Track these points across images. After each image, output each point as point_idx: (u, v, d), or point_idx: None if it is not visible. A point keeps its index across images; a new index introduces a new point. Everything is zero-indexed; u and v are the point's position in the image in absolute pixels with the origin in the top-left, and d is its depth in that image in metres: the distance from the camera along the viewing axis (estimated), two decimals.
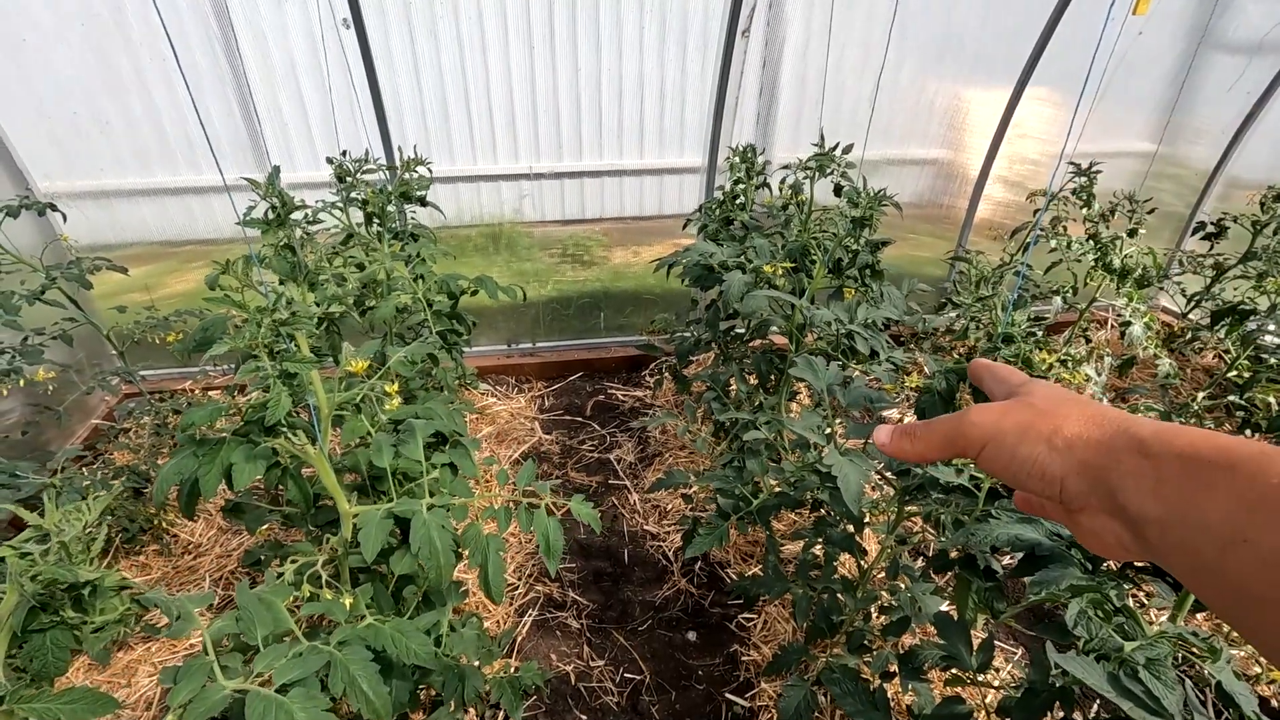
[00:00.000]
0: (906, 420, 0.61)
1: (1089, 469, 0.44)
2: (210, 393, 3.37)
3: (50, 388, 2.26)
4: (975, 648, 1.30)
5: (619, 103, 3.51)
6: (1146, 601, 2.22)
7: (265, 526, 2.04)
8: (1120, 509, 0.42)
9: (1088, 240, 2.98)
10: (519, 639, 2.28)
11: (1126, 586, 1.07)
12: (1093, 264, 2.96)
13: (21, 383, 2.12)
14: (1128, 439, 0.42)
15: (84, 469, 2.82)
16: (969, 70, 3.75)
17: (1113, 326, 3.97)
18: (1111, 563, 1.10)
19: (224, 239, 3.48)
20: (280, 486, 1.58)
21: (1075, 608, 0.92)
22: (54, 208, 2.46)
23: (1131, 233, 3.00)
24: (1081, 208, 3.10)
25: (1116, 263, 2.88)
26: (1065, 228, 3.16)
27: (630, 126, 3.61)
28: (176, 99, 3.06)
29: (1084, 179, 3.10)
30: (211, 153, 3.19)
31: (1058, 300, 3.16)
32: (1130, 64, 3.73)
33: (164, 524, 2.63)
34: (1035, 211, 3.33)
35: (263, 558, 1.94)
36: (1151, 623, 0.98)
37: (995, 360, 0.64)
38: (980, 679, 1.40)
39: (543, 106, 3.44)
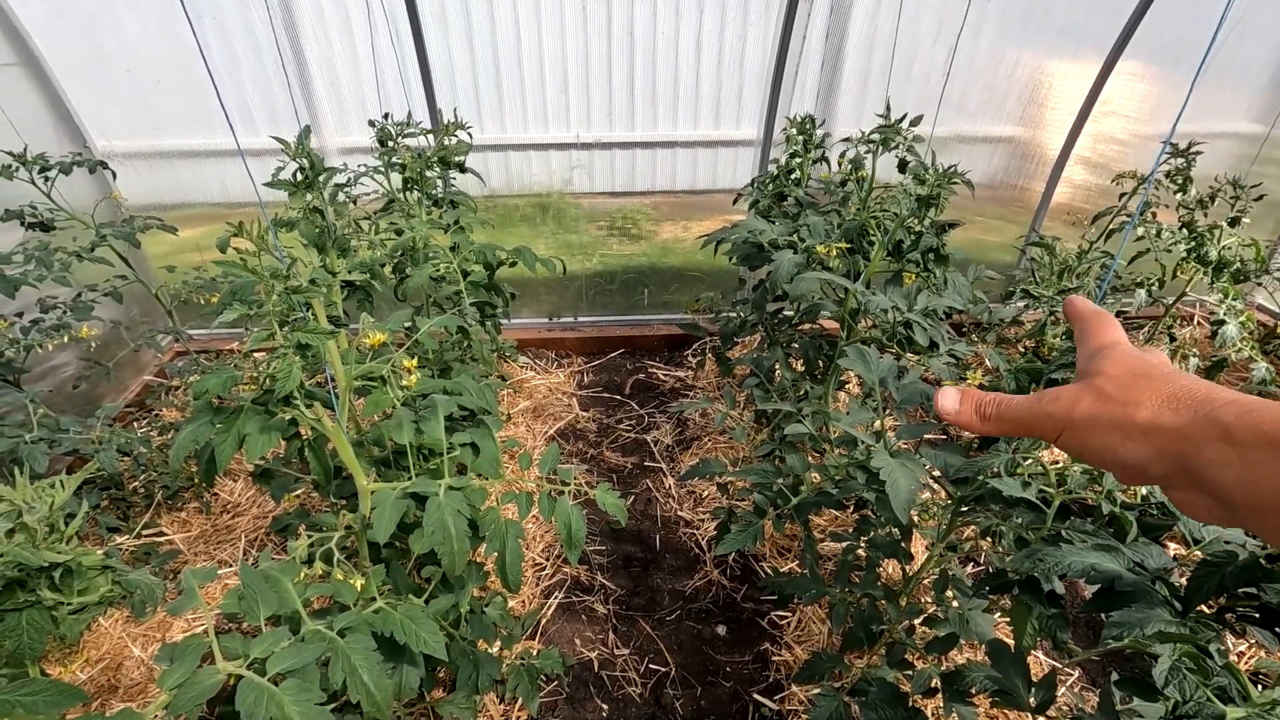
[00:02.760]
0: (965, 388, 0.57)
1: (1169, 455, 0.42)
2: (257, 354, 3.41)
3: (93, 345, 2.29)
4: (1034, 680, 1.16)
5: (674, 70, 3.35)
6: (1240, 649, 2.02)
7: (297, 493, 2.04)
8: (1209, 490, 0.40)
9: (1181, 229, 2.71)
10: (543, 621, 2.23)
11: (1219, 630, 0.92)
12: (1185, 255, 2.68)
13: (67, 338, 2.15)
14: (1208, 424, 0.40)
15: (132, 424, 2.90)
16: (1054, 41, 3.44)
17: (1201, 324, 3.64)
18: (1206, 607, 0.95)
19: (278, 202, 3.49)
20: (302, 458, 1.55)
21: (1166, 662, 0.79)
22: (105, 165, 2.48)
23: (1233, 222, 2.71)
24: (1175, 193, 2.82)
25: (1213, 254, 2.60)
26: (1155, 214, 2.88)
27: (685, 95, 3.45)
28: (232, 61, 3.06)
29: (1180, 161, 2.81)
30: (226, 116, 3.19)
31: (1141, 293, 2.89)
32: (1240, 37, 3.36)
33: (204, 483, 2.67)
34: (1121, 196, 3.05)
35: (291, 524, 1.93)
36: (1257, 683, 0.84)
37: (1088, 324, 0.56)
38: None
39: (595, 73, 3.31)
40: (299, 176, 1.58)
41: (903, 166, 2.23)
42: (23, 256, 2.05)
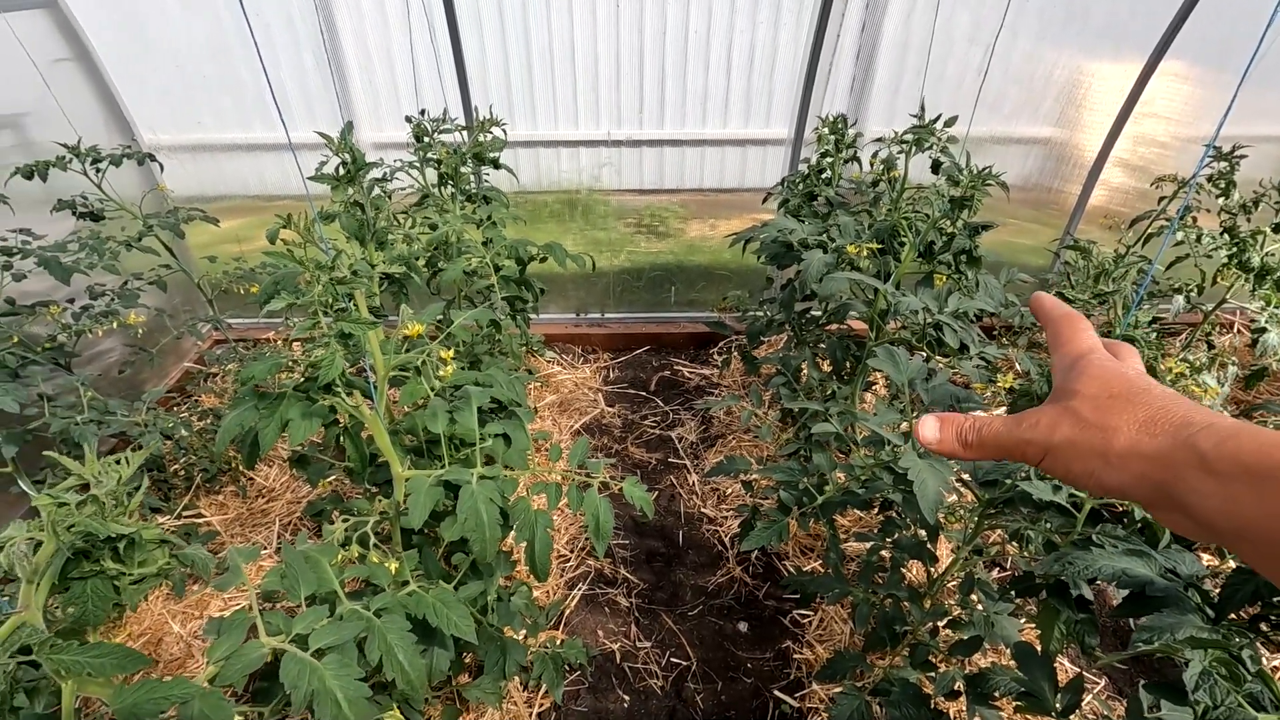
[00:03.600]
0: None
1: (1148, 481, 0.41)
2: (293, 344, 3.50)
3: (140, 331, 2.37)
4: (1060, 684, 1.16)
5: (705, 68, 3.36)
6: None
7: (330, 479, 2.09)
8: (1191, 516, 0.40)
9: (1223, 234, 2.65)
10: (567, 612, 2.26)
11: (1251, 638, 0.91)
12: (1226, 261, 2.62)
13: (115, 324, 2.23)
14: (1187, 451, 0.39)
15: (173, 409, 2.99)
16: (1094, 41, 3.38)
17: (1241, 332, 3.56)
18: (1239, 615, 0.94)
19: (317, 196, 3.57)
20: (339, 444, 1.59)
21: (1197, 666, 0.78)
22: (153, 158, 2.56)
23: (1277, 228, 2.64)
24: (1217, 197, 2.76)
25: (1256, 260, 2.54)
26: (1195, 219, 2.82)
27: (715, 94, 3.45)
28: (275, 58, 3.13)
29: (1224, 164, 2.75)
30: (278, 109, 3.26)
31: (1179, 299, 2.83)
32: None
33: (241, 467, 2.75)
34: (1161, 199, 2.99)
35: (325, 509, 1.98)
36: None
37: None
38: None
39: (627, 72, 3.33)
40: (341, 171, 1.63)
41: (936, 167, 2.22)
42: (77, 244, 2.13)
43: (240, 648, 0.98)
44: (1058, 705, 1.10)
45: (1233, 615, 0.94)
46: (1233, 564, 1.00)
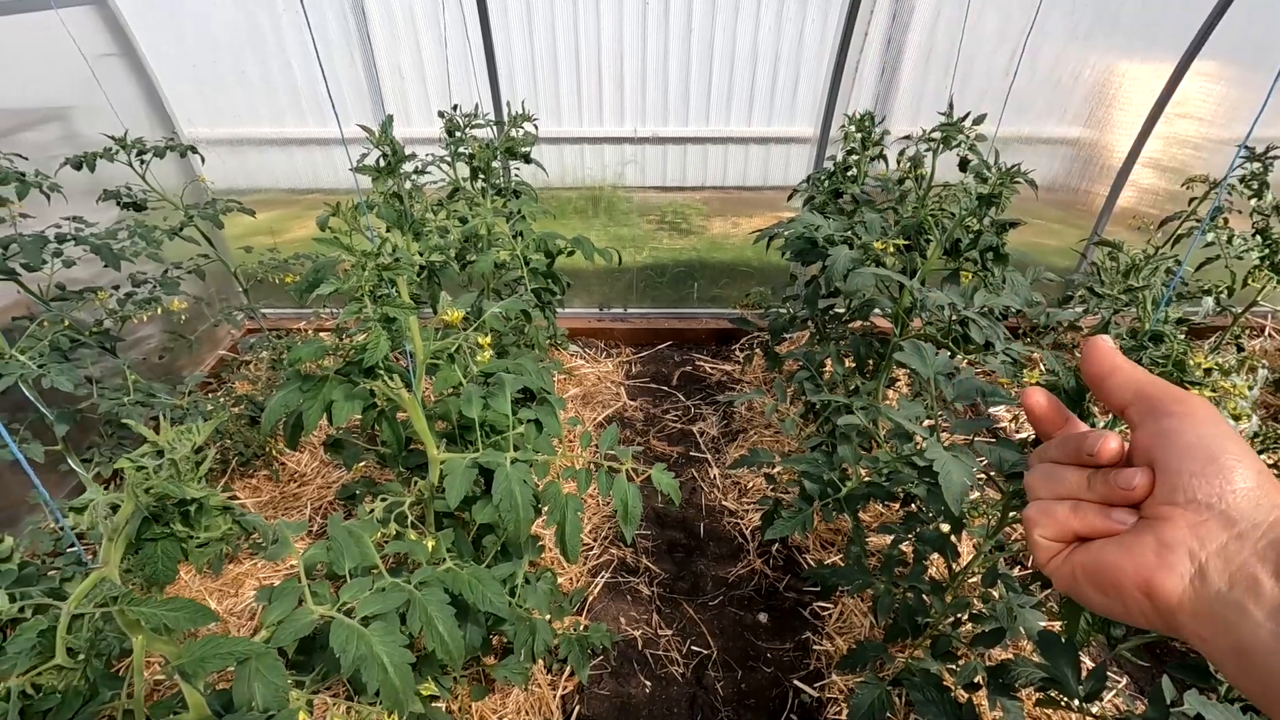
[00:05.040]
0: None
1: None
2: (321, 334, 3.58)
3: (183, 317, 2.45)
4: (1084, 673, 1.18)
5: (730, 66, 3.38)
6: None
7: (361, 464, 2.15)
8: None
9: (1255, 235, 2.63)
10: (590, 599, 2.31)
11: None
12: (1257, 262, 2.60)
13: (159, 310, 2.30)
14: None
15: (209, 394, 3.08)
16: (1126, 40, 3.35)
17: (1272, 335, 3.51)
18: None
19: (344, 189, 3.65)
20: (375, 427, 1.64)
21: None
22: (195, 151, 2.63)
23: None
24: (1250, 198, 2.73)
25: None
26: (1226, 220, 2.79)
27: (740, 92, 3.47)
28: (307, 54, 3.20)
29: (1256, 165, 2.72)
30: (333, 104, 3.33)
31: (1208, 301, 2.81)
32: None
33: (275, 452, 2.83)
34: (1191, 201, 2.96)
35: (357, 493, 2.04)
36: None
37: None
38: (1086, 709, 1.27)
39: (652, 69, 3.36)
40: (382, 163, 1.68)
41: (964, 165, 2.23)
42: (126, 233, 2.21)
43: (292, 613, 1.03)
44: (1081, 690, 1.12)
45: None
46: None
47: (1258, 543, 0.36)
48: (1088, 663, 2.04)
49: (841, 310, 2.64)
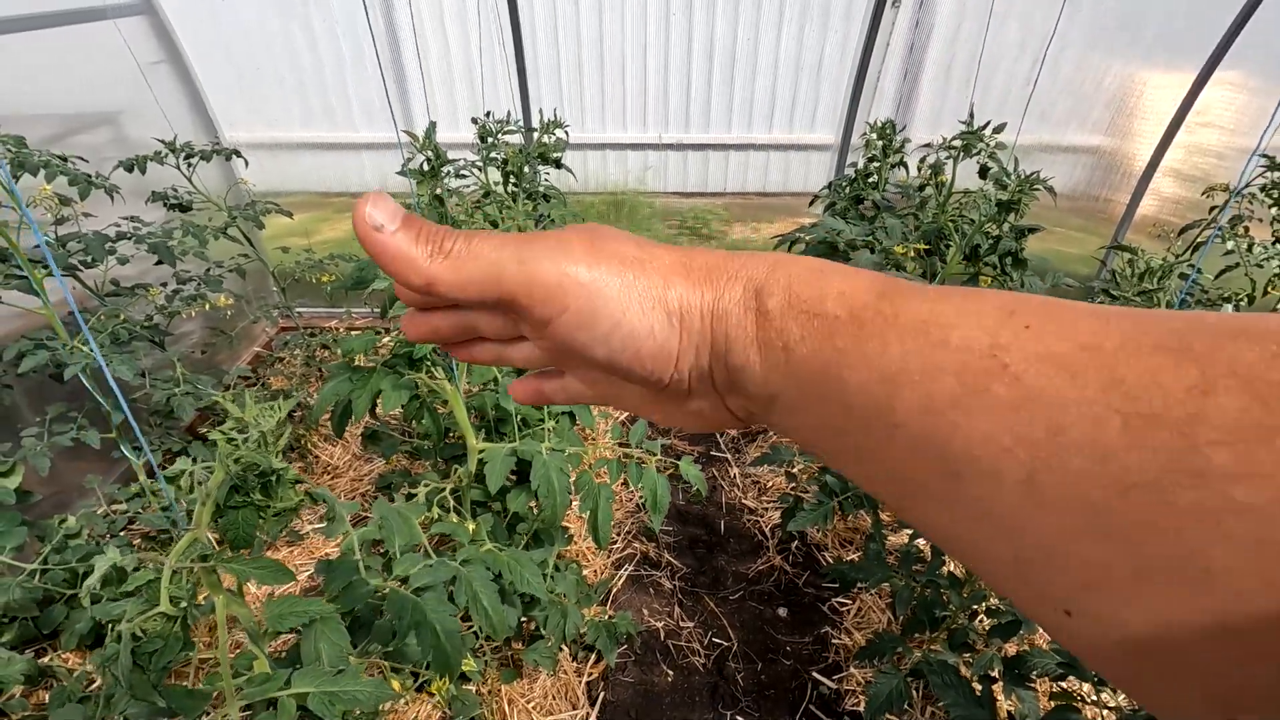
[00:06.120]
0: None
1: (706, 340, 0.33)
2: (353, 332, 3.68)
3: (228, 313, 2.55)
4: None
5: (753, 75, 3.45)
6: None
7: (395, 456, 2.23)
8: (734, 384, 0.32)
9: (1275, 243, 2.65)
10: (614, 590, 2.37)
11: None
12: (1278, 270, 2.62)
13: (207, 306, 2.41)
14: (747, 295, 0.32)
15: (248, 388, 3.18)
16: (1147, 49, 3.39)
17: None
18: None
19: (371, 192, 3.75)
20: (415, 420, 1.73)
21: None
22: (238, 154, 2.75)
23: None
24: (1270, 207, 2.75)
25: None
26: (1247, 228, 2.81)
27: (761, 99, 3.54)
28: (340, 60, 3.32)
29: (1278, 174, 2.74)
30: (392, 112, 3.44)
31: (1228, 308, 2.83)
32: None
33: (309, 444, 2.93)
34: (1212, 209, 2.98)
35: (393, 483, 2.13)
36: None
37: None
38: (1098, 698, 1.32)
39: (675, 76, 3.44)
40: (425, 167, 1.77)
41: (984, 173, 2.28)
42: (180, 232, 2.32)
43: (350, 584, 1.10)
44: (1094, 675, 1.17)
45: None
46: None
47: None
48: None
49: None
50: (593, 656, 2.09)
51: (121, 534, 2.14)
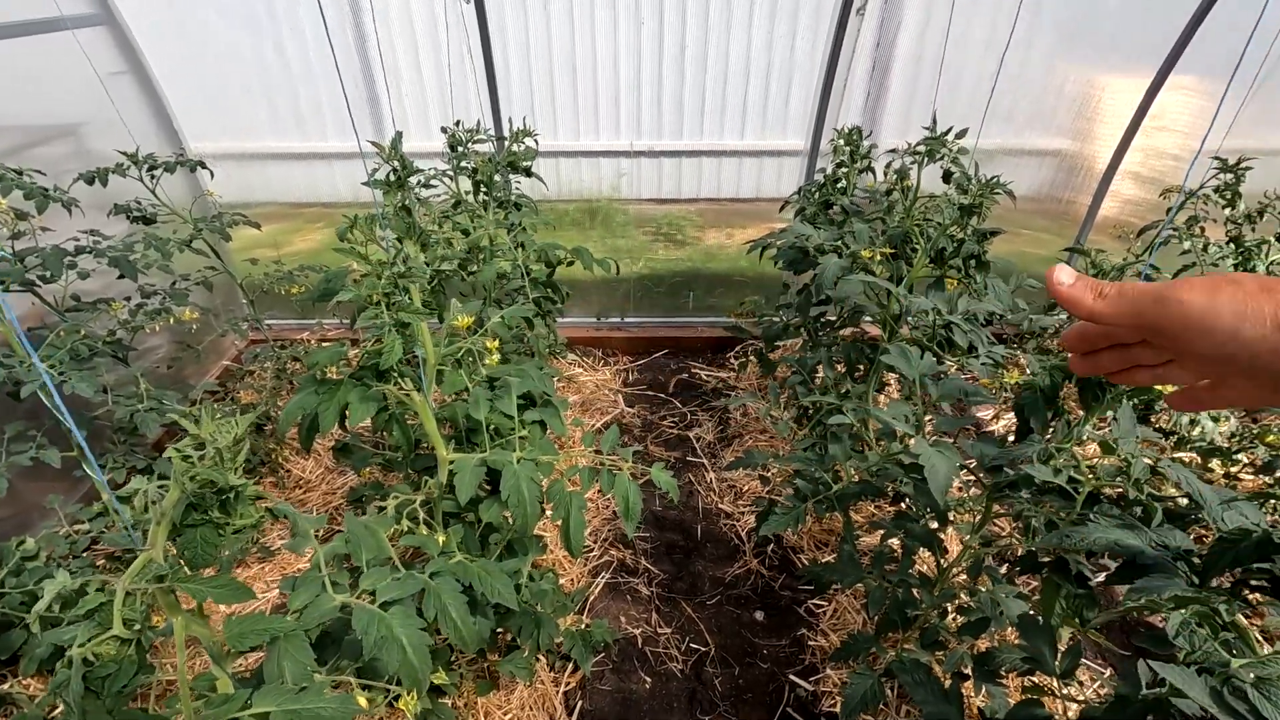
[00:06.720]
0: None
1: None
2: (324, 343, 3.64)
3: (194, 327, 2.51)
4: (1060, 653, 1.25)
5: (724, 82, 3.48)
6: (1257, 624, 2.05)
7: (367, 469, 2.21)
8: None
9: (1228, 243, 2.73)
10: (591, 598, 2.37)
11: (1237, 606, 1.00)
12: (1232, 269, 2.70)
13: (171, 320, 2.37)
14: None
15: (216, 403, 3.13)
16: (1106, 54, 3.48)
17: None
18: (1224, 582, 1.03)
19: (342, 202, 3.73)
20: (385, 431, 1.71)
21: (1178, 618, 0.88)
22: (204, 165, 2.71)
23: None
24: (1224, 207, 2.83)
25: (1261, 269, 2.62)
26: (1203, 229, 2.90)
27: (733, 106, 3.58)
28: (309, 71, 3.29)
29: (1229, 176, 2.82)
30: (352, 122, 3.41)
31: None
32: None
33: (280, 459, 2.89)
34: (1168, 210, 3.07)
35: (365, 496, 2.10)
36: (1262, 644, 0.92)
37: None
38: (1063, 689, 1.34)
39: (647, 84, 3.46)
40: (392, 177, 1.76)
41: (947, 177, 2.32)
42: (141, 245, 2.27)
43: (315, 600, 1.09)
44: (1058, 667, 1.19)
45: (1219, 581, 1.04)
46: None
47: None
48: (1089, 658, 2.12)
49: (833, 317, 2.73)
50: (570, 666, 2.09)
51: (84, 554, 2.09)
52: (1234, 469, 2.57)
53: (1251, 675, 0.81)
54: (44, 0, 2.53)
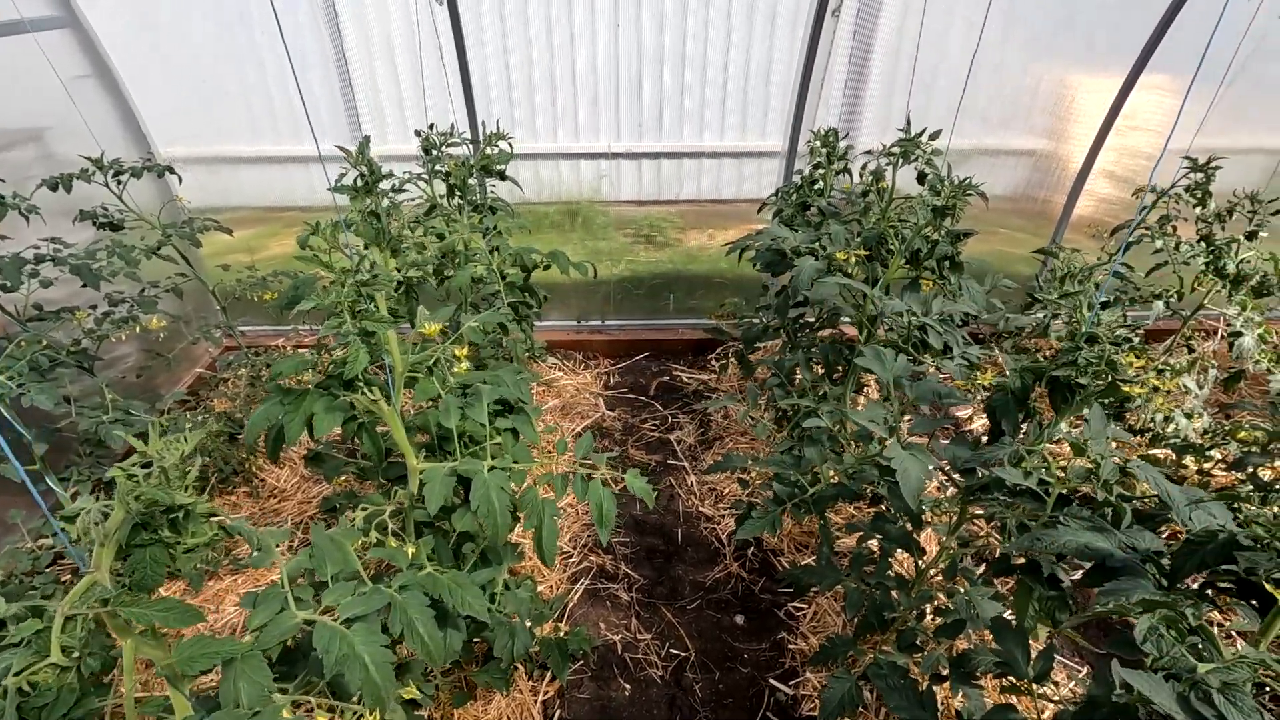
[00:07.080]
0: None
1: None
2: (300, 350, 3.59)
3: (162, 335, 2.46)
4: (1034, 656, 1.25)
5: (702, 84, 3.48)
6: (1225, 624, 2.07)
7: (342, 478, 2.17)
8: None
9: (1199, 242, 2.76)
10: (570, 605, 2.34)
11: (1205, 608, 1.00)
12: (1203, 268, 2.73)
13: (138, 329, 2.32)
14: None
15: (187, 412, 3.07)
16: (1079, 54, 3.51)
17: (1222, 337, 3.66)
18: (1191, 584, 1.03)
19: (319, 206, 3.67)
20: (356, 440, 1.68)
21: (1145, 623, 0.87)
22: (172, 170, 2.66)
23: (1250, 235, 2.75)
24: (1194, 206, 2.86)
25: (1231, 267, 2.65)
26: (1175, 227, 2.93)
27: (712, 108, 3.57)
28: (283, 74, 3.24)
29: (1199, 175, 2.86)
30: (310, 125, 3.37)
31: (1159, 305, 2.94)
32: (1270, 50, 3.38)
33: (254, 468, 2.84)
34: (1140, 209, 3.10)
35: (338, 505, 2.07)
36: (1231, 645, 0.92)
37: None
38: (1037, 690, 1.34)
39: (626, 86, 3.45)
40: (360, 182, 1.72)
41: (921, 178, 2.33)
42: (105, 253, 2.22)
43: (276, 617, 1.06)
44: (1031, 671, 1.19)
45: (1185, 583, 1.04)
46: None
47: None
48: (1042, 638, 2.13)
49: (811, 319, 2.73)
50: (549, 674, 2.06)
51: (48, 570, 2.04)
52: (1207, 465, 2.60)
53: (1218, 681, 0.80)
54: (3, 3, 2.47)
